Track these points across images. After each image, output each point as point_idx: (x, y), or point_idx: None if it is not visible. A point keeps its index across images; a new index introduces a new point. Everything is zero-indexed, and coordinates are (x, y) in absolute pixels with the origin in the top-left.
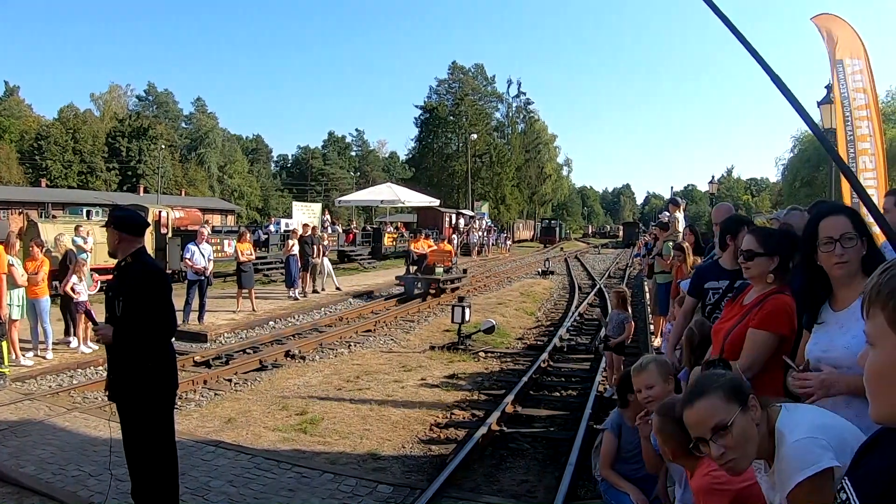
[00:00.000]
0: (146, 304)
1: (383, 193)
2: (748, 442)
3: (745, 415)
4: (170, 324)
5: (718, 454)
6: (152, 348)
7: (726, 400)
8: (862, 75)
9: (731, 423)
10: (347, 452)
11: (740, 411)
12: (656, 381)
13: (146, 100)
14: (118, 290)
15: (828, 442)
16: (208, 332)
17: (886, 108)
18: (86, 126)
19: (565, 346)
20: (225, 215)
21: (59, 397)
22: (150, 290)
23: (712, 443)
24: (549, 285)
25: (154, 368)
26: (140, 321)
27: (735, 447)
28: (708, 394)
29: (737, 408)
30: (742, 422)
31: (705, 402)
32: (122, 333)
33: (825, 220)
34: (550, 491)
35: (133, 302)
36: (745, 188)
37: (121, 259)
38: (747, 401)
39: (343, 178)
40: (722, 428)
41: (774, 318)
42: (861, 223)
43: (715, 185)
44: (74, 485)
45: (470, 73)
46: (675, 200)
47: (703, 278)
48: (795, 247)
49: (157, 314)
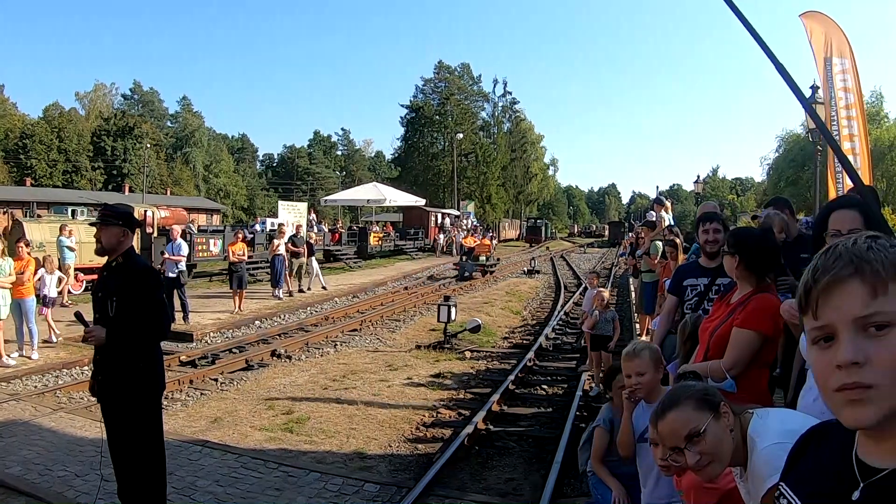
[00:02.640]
0: (141, 304)
1: (369, 193)
2: (722, 447)
3: (717, 422)
4: (165, 323)
5: (694, 461)
6: (145, 348)
7: (697, 409)
8: (848, 74)
9: (704, 429)
10: (334, 451)
11: (712, 418)
12: (648, 368)
13: (131, 98)
14: (110, 289)
15: None
16: (194, 331)
17: (870, 108)
18: (71, 125)
19: (551, 345)
20: (210, 214)
21: (44, 397)
22: (145, 289)
23: (687, 451)
24: (535, 284)
25: (145, 368)
26: (135, 321)
27: (709, 453)
28: (679, 404)
29: (709, 415)
30: (715, 428)
31: (677, 413)
32: (115, 334)
33: (836, 212)
34: (537, 489)
35: (128, 301)
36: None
37: (111, 258)
38: (719, 408)
39: (329, 178)
40: (695, 435)
41: (758, 317)
42: (875, 220)
43: (700, 184)
44: (61, 485)
45: (456, 73)
46: (660, 200)
47: (682, 276)
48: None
49: (152, 313)
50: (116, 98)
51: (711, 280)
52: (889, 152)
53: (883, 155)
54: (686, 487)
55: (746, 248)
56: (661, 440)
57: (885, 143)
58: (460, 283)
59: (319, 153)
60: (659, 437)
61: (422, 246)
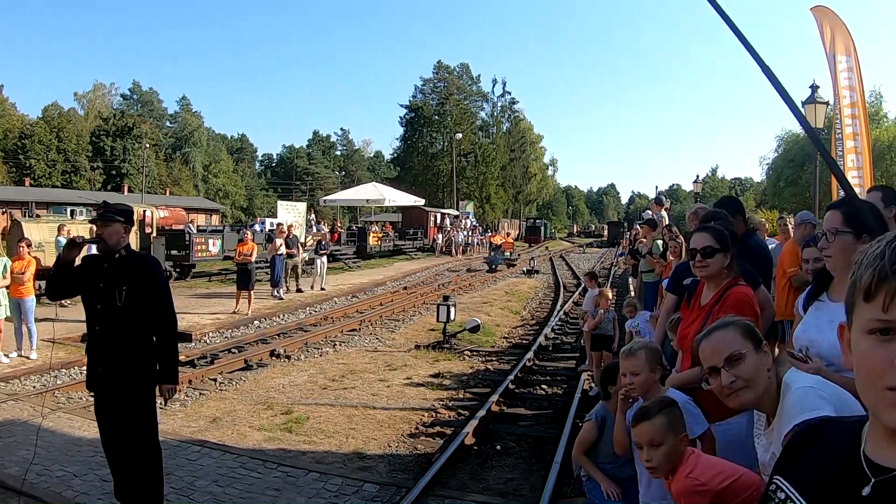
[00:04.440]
0: (150, 289)
1: (368, 193)
2: (757, 378)
3: (757, 354)
4: (173, 310)
5: (728, 382)
6: (150, 338)
7: (743, 335)
8: (851, 73)
9: (745, 355)
10: (333, 451)
11: (753, 349)
12: (643, 369)
13: (130, 98)
14: (117, 279)
15: (829, 395)
16: (193, 331)
17: (870, 108)
18: (70, 125)
19: (550, 345)
20: (209, 215)
21: (43, 397)
22: (151, 275)
23: (724, 370)
24: (535, 284)
25: (147, 359)
26: (145, 307)
27: (745, 378)
28: (727, 327)
29: (751, 345)
30: (754, 358)
31: (723, 334)
32: (123, 321)
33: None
34: (536, 489)
35: (138, 290)
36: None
37: (114, 252)
38: (761, 344)
39: (328, 178)
40: (735, 359)
41: (739, 309)
42: (856, 218)
43: (699, 184)
44: (59, 485)
45: (455, 73)
46: (659, 199)
47: (681, 275)
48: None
49: (164, 302)
50: (115, 98)
51: None
52: (888, 152)
53: (882, 155)
54: (676, 492)
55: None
56: (702, 359)
57: (884, 143)
58: (489, 273)
59: (318, 153)
60: (700, 355)
61: (421, 246)
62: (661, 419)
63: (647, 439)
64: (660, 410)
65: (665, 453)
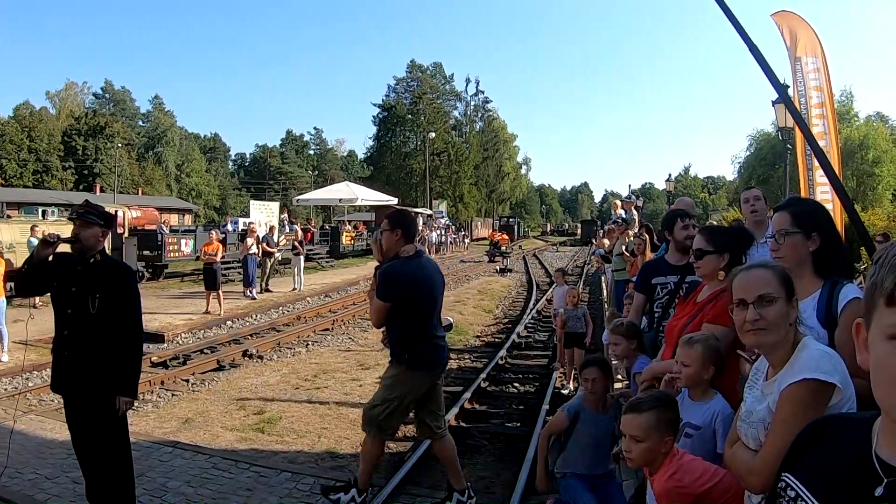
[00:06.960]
0: (124, 301)
1: (341, 192)
2: (780, 325)
3: (787, 303)
4: (141, 324)
5: (752, 318)
6: (120, 343)
7: (779, 282)
8: (819, 73)
9: (776, 299)
10: (305, 451)
11: (786, 297)
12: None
13: (103, 98)
14: (90, 285)
15: (841, 371)
16: (165, 332)
17: (840, 107)
18: (41, 124)
19: (523, 343)
20: (182, 214)
21: (14, 400)
22: (126, 285)
23: (752, 306)
24: (508, 283)
25: (116, 364)
26: (119, 317)
27: (768, 320)
28: (767, 268)
29: (784, 293)
30: (783, 306)
31: (762, 273)
32: (95, 329)
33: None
34: (508, 486)
35: (112, 298)
36: (703, 186)
37: (89, 255)
38: (792, 298)
39: (301, 177)
40: (766, 300)
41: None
42: (806, 217)
43: (672, 182)
44: (31, 488)
45: (428, 72)
46: (627, 198)
47: (649, 274)
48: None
49: (135, 311)
50: (88, 97)
51: (681, 277)
52: (859, 151)
53: (852, 153)
54: (658, 492)
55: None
56: (734, 290)
57: (854, 142)
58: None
59: (292, 152)
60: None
61: None
62: (649, 417)
63: (631, 432)
64: (651, 408)
65: (644, 450)
